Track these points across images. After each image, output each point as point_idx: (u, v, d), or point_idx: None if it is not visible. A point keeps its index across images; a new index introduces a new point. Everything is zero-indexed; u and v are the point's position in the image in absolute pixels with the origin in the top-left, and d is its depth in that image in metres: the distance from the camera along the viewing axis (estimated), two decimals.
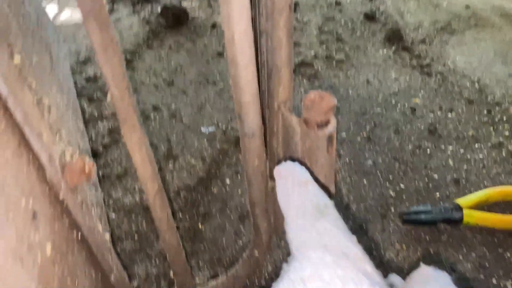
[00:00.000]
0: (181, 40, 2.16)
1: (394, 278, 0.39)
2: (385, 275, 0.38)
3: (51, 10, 2.43)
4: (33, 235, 0.51)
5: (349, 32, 2.14)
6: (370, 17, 2.22)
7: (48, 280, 0.52)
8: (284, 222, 0.41)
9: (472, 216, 1.19)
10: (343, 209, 1.27)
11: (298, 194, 0.41)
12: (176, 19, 2.24)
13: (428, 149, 1.46)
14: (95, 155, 1.47)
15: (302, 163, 0.56)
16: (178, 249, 0.82)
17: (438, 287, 0.34)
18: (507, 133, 1.49)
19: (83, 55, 2.04)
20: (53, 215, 0.59)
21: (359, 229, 1.22)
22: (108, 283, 0.79)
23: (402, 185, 1.34)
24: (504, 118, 1.55)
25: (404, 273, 1.08)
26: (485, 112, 1.59)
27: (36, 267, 0.49)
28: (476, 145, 1.46)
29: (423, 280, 0.35)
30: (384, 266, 1.13)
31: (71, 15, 2.41)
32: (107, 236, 0.78)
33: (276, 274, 1.10)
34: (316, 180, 0.67)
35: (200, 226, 1.26)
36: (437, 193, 1.31)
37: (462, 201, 1.23)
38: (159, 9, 2.35)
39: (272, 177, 0.80)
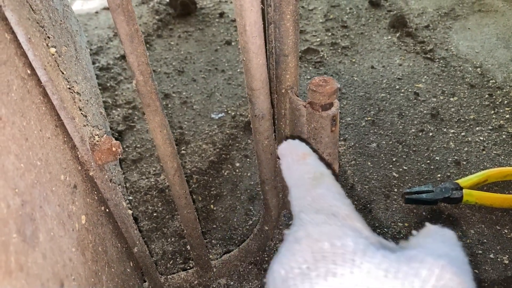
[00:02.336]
0: (190, 29, 2.21)
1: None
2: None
3: None
4: (71, 205, 0.58)
5: (354, 19, 2.18)
6: (375, 3, 2.25)
7: (84, 245, 0.59)
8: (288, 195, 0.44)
9: (471, 195, 1.24)
10: (348, 190, 1.34)
11: (297, 167, 0.43)
12: (185, 8, 2.29)
13: (430, 132, 1.51)
14: None
15: (302, 139, 0.61)
16: (194, 224, 0.89)
17: (440, 240, 0.35)
18: (507, 116, 1.54)
19: (96, 46, 2.10)
20: (85, 190, 0.66)
21: (363, 208, 1.28)
22: (132, 255, 0.87)
23: (405, 167, 1.40)
24: (505, 102, 1.60)
25: None
26: (487, 96, 1.64)
27: (75, 233, 0.56)
28: (477, 128, 1.51)
29: (427, 234, 0.37)
30: None
31: (82, 5, 2.47)
32: (130, 212, 0.85)
33: None
34: (318, 155, 0.73)
35: (212, 207, 1.33)
36: (439, 174, 1.37)
37: (462, 181, 1.29)
38: None
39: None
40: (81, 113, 0.68)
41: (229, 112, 1.67)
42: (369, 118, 1.59)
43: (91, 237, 0.63)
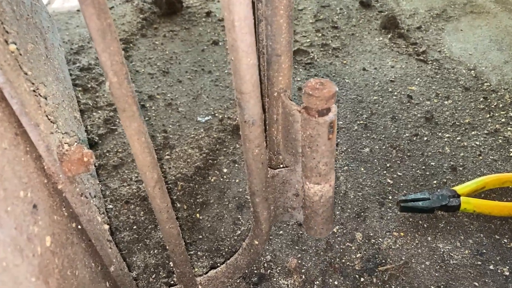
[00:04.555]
0: (175, 28, 2.13)
1: None
2: (382, 263, 0.33)
3: None
4: (32, 226, 0.50)
5: (345, 20, 2.12)
6: (365, 4, 2.20)
7: (48, 271, 0.51)
8: None
9: (469, 203, 1.19)
10: (341, 197, 1.28)
11: None
12: (170, 7, 2.21)
13: (425, 137, 1.46)
14: (90, 145, 1.45)
15: None
16: (178, 240, 0.82)
17: None
18: (503, 119, 1.50)
19: (76, 45, 2.01)
20: (52, 206, 0.58)
21: (357, 217, 1.22)
22: (108, 274, 0.79)
23: (399, 173, 1.35)
24: (500, 105, 1.56)
25: (402, 261, 1.07)
26: (481, 99, 1.59)
27: (36, 258, 0.48)
28: (473, 132, 1.46)
29: None
30: (382, 254, 1.13)
31: (63, 3, 2.38)
32: (106, 227, 0.77)
33: (275, 263, 1.10)
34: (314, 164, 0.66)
35: (198, 216, 1.25)
36: (435, 181, 1.32)
37: (459, 188, 1.23)
38: None
39: (272, 166, 0.79)
40: (48, 119, 0.60)
41: (216, 115, 1.60)
42: (361, 122, 1.53)
43: (58, 261, 0.55)
